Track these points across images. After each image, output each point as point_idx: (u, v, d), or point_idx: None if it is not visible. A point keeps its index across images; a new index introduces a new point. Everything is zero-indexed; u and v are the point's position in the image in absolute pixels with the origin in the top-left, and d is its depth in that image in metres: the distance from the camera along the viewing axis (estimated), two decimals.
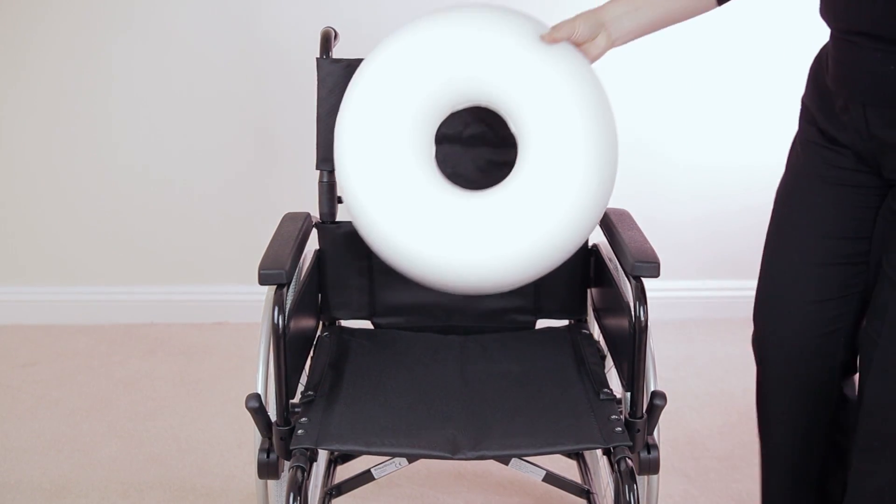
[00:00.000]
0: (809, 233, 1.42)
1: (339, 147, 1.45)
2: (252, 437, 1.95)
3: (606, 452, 1.37)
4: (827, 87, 1.38)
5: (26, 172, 2.76)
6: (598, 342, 1.67)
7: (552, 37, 1.42)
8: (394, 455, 1.39)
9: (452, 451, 1.33)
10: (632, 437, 1.35)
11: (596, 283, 1.65)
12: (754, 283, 1.53)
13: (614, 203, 1.66)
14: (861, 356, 1.41)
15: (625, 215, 1.57)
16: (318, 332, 1.70)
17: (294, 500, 1.28)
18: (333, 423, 1.38)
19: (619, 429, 1.36)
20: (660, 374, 1.47)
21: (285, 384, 1.33)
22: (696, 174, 2.78)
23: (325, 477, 1.83)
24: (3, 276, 2.85)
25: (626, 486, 1.29)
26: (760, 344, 1.53)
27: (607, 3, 1.46)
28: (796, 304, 1.45)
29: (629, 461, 1.32)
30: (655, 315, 1.78)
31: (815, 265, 1.42)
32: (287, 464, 1.35)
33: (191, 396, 2.40)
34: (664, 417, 1.43)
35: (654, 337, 1.44)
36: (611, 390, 1.47)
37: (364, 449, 1.34)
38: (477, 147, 1.68)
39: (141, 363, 2.60)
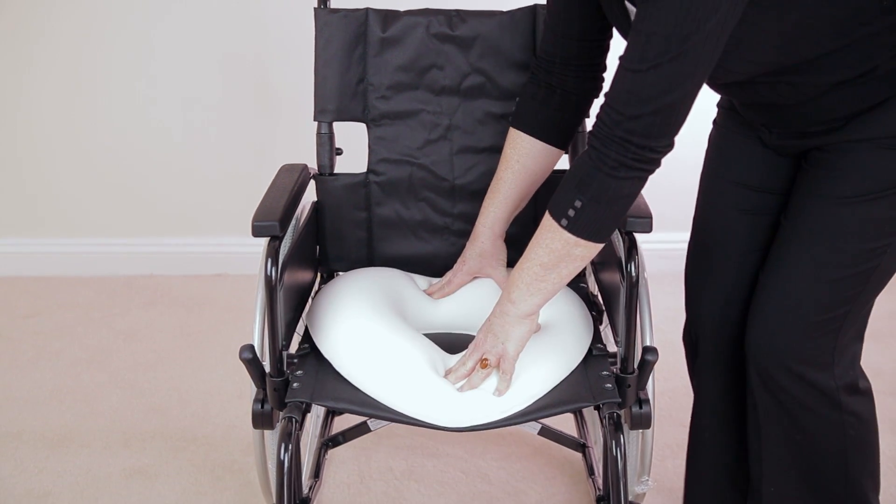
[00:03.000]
0: (730, 179, 1.46)
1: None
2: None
3: (597, 408, 1.37)
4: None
5: (27, 126, 2.75)
6: (595, 297, 1.66)
7: (441, 293, 1.59)
8: (386, 419, 1.36)
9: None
10: (622, 392, 1.35)
11: None
12: None
13: None
14: None
15: None
16: (317, 284, 1.70)
17: (285, 450, 1.29)
18: (329, 379, 1.38)
19: (609, 385, 1.35)
20: (657, 325, 1.46)
21: (279, 335, 1.33)
22: (698, 120, 2.75)
23: (322, 428, 1.84)
24: (4, 229, 2.86)
25: (613, 441, 1.29)
26: (690, 293, 1.52)
27: (476, 223, 1.55)
28: (726, 247, 1.47)
29: (617, 416, 1.32)
30: (654, 266, 1.77)
31: (733, 210, 1.45)
32: (281, 414, 1.36)
33: (191, 347, 2.42)
34: (662, 368, 1.43)
35: (652, 288, 1.43)
36: (604, 345, 1.47)
37: (357, 409, 1.33)
38: (475, 99, 1.67)
39: (141, 314, 2.61)
